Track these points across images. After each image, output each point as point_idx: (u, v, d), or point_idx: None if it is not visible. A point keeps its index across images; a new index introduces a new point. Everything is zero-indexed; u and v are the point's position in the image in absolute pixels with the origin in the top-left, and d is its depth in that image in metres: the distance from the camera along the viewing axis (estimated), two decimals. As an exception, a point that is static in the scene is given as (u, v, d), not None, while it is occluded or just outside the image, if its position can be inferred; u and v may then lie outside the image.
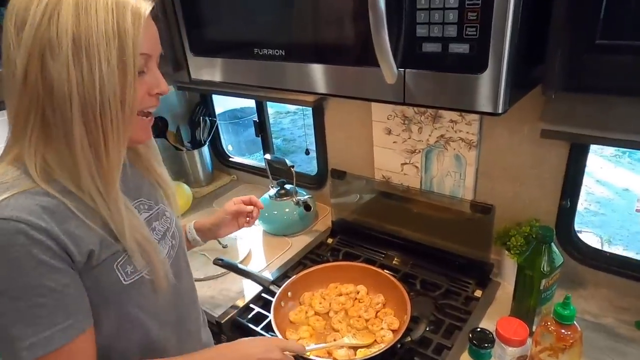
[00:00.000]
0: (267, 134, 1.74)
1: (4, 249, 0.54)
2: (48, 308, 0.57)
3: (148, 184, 0.80)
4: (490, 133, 1.12)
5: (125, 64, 0.58)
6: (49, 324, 0.57)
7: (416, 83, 0.73)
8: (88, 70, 0.56)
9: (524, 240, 1.07)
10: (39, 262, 0.56)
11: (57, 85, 0.56)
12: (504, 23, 0.61)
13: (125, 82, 0.59)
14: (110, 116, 0.58)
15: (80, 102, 0.57)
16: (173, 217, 0.83)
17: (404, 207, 1.33)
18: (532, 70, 0.74)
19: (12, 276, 0.55)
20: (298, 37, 0.84)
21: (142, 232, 0.67)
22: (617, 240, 3.42)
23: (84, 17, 0.56)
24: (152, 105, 0.68)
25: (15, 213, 0.55)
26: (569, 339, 0.76)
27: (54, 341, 0.58)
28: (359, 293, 1.13)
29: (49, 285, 0.57)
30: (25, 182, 0.59)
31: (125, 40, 0.58)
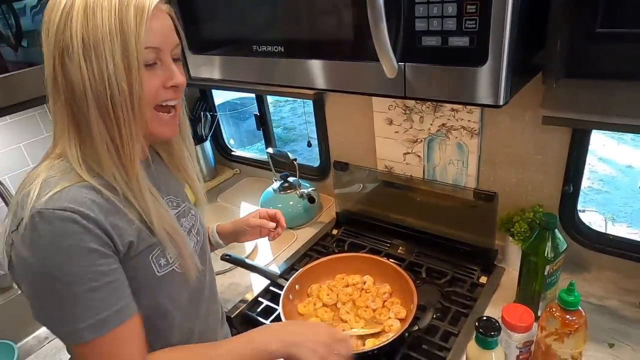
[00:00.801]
0: (268, 127, 1.74)
1: (58, 236, 0.58)
2: (102, 291, 0.61)
3: (175, 182, 0.83)
4: (492, 120, 1.12)
5: (129, 59, 0.60)
6: (105, 306, 0.61)
7: (416, 77, 0.73)
8: (98, 69, 0.59)
9: (527, 226, 1.08)
10: (90, 249, 0.60)
11: (75, 84, 0.60)
12: (504, 15, 0.61)
13: (131, 77, 0.60)
14: (122, 111, 0.61)
15: (94, 99, 0.60)
16: (197, 215, 0.86)
17: (408, 196, 1.34)
18: (532, 58, 0.74)
19: (67, 262, 0.58)
20: (297, 33, 0.84)
21: (171, 224, 0.70)
22: (621, 217, 3.43)
23: (91, 18, 0.59)
24: (169, 98, 0.68)
25: (68, 204, 0.59)
26: (574, 324, 0.77)
27: (111, 321, 0.61)
28: (365, 283, 1.15)
29: (101, 269, 0.61)
30: (72, 176, 0.63)
31: (127, 36, 0.60)
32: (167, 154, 0.82)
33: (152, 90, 0.65)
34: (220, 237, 1.05)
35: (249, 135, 4.53)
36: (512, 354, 0.85)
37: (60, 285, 0.59)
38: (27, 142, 1.43)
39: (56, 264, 0.58)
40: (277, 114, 5.64)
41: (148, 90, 0.64)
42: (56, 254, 0.58)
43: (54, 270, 0.58)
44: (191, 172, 0.85)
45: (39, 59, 0.64)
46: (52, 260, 0.58)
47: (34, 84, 1.05)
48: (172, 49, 0.68)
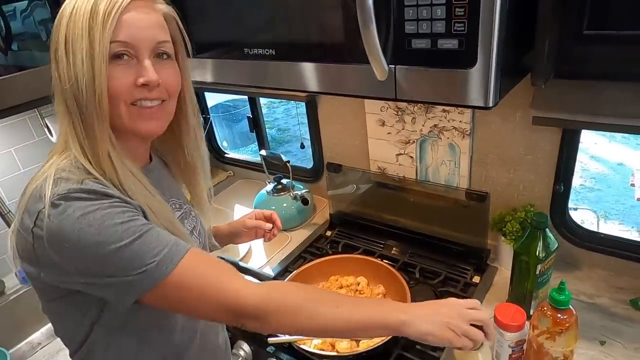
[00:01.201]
0: (261, 129, 1.74)
1: (89, 207, 0.58)
2: (152, 234, 0.60)
3: (176, 185, 0.84)
4: (483, 121, 1.13)
5: (93, 53, 0.60)
6: (163, 245, 0.60)
7: (407, 79, 0.73)
8: (73, 64, 0.61)
9: (519, 226, 1.08)
10: (123, 210, 0.60)
11: (61, 80, 0.62)
12: (492, 18, 0.62)
13: (93, 71, 0.60)
14: (86, 105, 0.61)
15: (71, 93, 0.61)
16: (198, 217, 0.86)
17: (401, 197, 1.34)
18: (522, 59, 0.74)
19: (107, 225, 0.58)
20: (287, 36, 0.84)
21: (167, 218, 0.69)
22: (613, 215, 3.46)
23: (73, 18, 0.61)
24: (141, 97, 0.65)
25: (85, 187, 0.60)
26: (565, 323, 0.78)
27: (175, 253, 0.60)
28: (359, 284, 1.15)
29: (141, 222, 0.61)
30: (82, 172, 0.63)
31: (94, 29, 0.60)
32: (173, 164, 0.83)
33: (121, 86, 0.63)
34: (216, 239, 1.05)
35: (242, 137, 4.53)
36: (504, 353, 0.86)
37: (109, 247, 0.57)
38: (18, 146, 1.42)
39: (94, 230, 0.57)
40: (271, 115, 5.64)
41: (116, 86, 0.62)
42: (91, 222, 0.57)
43: (96, 237, 0.57)
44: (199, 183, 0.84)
45: (29, 63, 0.65)
46: (90, 229, 0.57)
47: (24, 88, 1.05)
48: (153, 46, 0.65)
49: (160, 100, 0.67)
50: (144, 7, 0.64)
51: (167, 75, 0.67)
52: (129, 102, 0.65)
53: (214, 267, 0.64)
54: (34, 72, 1.06)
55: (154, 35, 0.65)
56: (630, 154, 4.13)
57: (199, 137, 0.81)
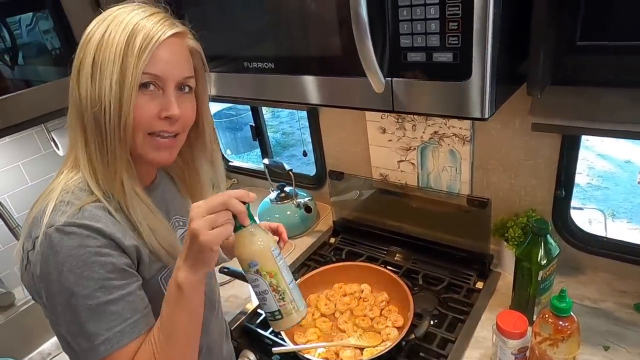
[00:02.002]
0: (264, 137, 1.75)
1: (75, 249, 0.60)
2: (117, 304, 0.62)
3: (182, 201, 0.86)
4: (483, 127, 1.14)
5: (124, 80, 0.62)
6: (120, 319, 0.62)
7: (404, 91, 0.74)
8: (98, 87, 0.63)
9: (521, 231, 1.09)
10: (105, 263, 0.61)
11: (82, 99, 0.64)
12: (485, 31, 0.62)
13: (122, 97, 0.62)
14: (107, 127, 0.63)
15: (92, 114, 0.63)
16: None
17: (403, 203, 1.35)
18: (517, 68, 0.75)
19: (82, 275, 0.60)
20: (285, 50, 0.85)
21: (167, 238, 0.71)
22: (621, 213, 3.43)
23: (106, 38, 0.63)
24: (162, 129, 0.67)
25: (85, 221, 0.61)
26: (566, 330, 0.79)
27: (126, 335, 0.62)
28: (363, 292, 1.16)
29: (116, 283, 0.62)
30: (86, 195, 0.65)
31: (128, 59, 0.62)
32: (180, 181, 0.86)
33: (145, 116, 0.65)
34: (223, 251, 1.06)
35: (245, 143, 4.55)
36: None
37: (76, 299, 0.60)
38: (25, 160, 1.45)
39: (72, 277, 0.60)
40: (275, 119, 5.66)
41: (141, 115, 0.65)
42: (72, 267, 0.60)
43: (70, 284, 0.60)
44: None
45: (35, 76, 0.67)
46: (69, 274, 0.59)
47: (30, 105, 1.07)
48: (179, 80, 0.68)
49: (175, 133, 0.70)
50: (177, 44, 0.68)
51: (186, 109, 0.70)
52: (148, 132, 0.67)
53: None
54: (40, 88, 1.08)
55: (182, 71, 0.69)
56: (638, 151, 4.09)
57: (217, 162, 0.85)
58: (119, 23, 0.64)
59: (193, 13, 0.93)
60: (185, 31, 0.70)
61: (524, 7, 0.66)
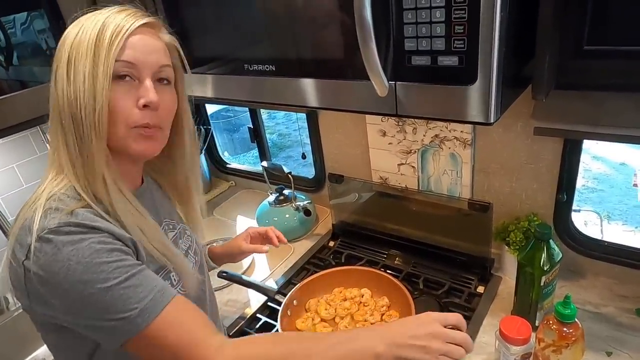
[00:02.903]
0: (263, 139, 1.74)
1: (77, 243, 0.58)
2: (138, 278, 0.61)
3: (170, 204, 0.85)
4: (484, 131, 1.13)
5: (97, 71, 0.61)
6: (147, 290, 0.60)
7: (407, 95, 0.73)
8: (73, 83, 0.61)
9: (522, 236, 1.08)
10: (111, 249, 0.60)
11: (59, 98, 0.62)
12: (492, 35, 0.62)
13: (96, 89, 0.61)
14: (83, 123, 0.61)
15: (69, 112, 0.62)
16: (193, 235, 0.87)
17: (403, 206, 1.34)
18: (522, 71, 0.74)
19: (92, 264, 0.58)
20: (287, 53, 0.84)
21: (159, 239, 0.69)
22: (616, 215, 3.45)
23: (78, 36, 0.62)
24: (141, 120, 0.65)
25: (76, 220, 0.60)
26: (571, 337, 0.78)
27: (159, 302, 0.61)
28: (363, 297, 1.15)
29: (128, 262, 0.61)
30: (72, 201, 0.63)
31: (100, 49, 0.61)
32: (167, 185, 0.85)
33: (122, 106, 0.63)
34: (212, 260, 1.06)
35: (242, 143, 4.53)
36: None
37: (94, 287, 0.57)
38: (20, 162, 1.43)
39: (82, 269, 0.57)
40: (272, 120, 5.65)
41: (117, 106, 0.63)
42: (80, 259, 0.57)
43: (83, 276, 0.57)
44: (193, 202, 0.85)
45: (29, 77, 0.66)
46: (78, 266, 0.57)
47: (25, 107, 1.05)
48: (155, 69, 0.66)
49: (158, 126, 0.68)
50: (149, 33, 0.67)
51: (165, 100, 0.68)
52: (130, 125, 0.65)
53: (192, 322, 0.63)
54: (35, 90, 1.06)
55: (157, 58, 0.67)
56: (633, 153, 4.11)
57: (195, 160, 0.83)
58: (92, 21, 0.63)
59: (193, 15, 0.92)
60: (157, 23, 0.69)
61: (530, 10, 0.66)
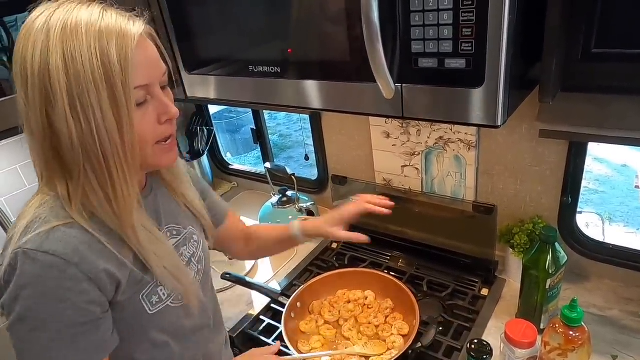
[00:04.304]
0: (265, 141, 1.73)
1: (38, 278, 0.56)
2: (63, 342, 0.59)
3: (177, 208, 0.80)
4: (489, 133, 1.13)
5: (118, 105, 0.56)
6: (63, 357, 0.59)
7: (414, 98, 0.73)
8: (85, 120, 0.55)
9: (527, 238, 1.08)
10: (64, 298, 0.57)
11: (61, 134, 0.56)
12: (500, 37, 0.61)
13: (122, 122, 0.57)
14: (114, 160, 0.58)
15: (82, 149, 0.57)
16: (201, 240, 0.83)
17: (407, 208, 1.34)
18: (529, 73, 0.74)
19: (37, 308, 0.57)
20: (293, 54, 0.84)
21: (172, 261, 0.68)
22: (618, 217, 3.44)
23: (71, 66, 0.54)
24: (166, 134, 0.64)
25: (53, 247, 0.57)
26: (577, 341, 0.78)
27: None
28: (367, 299, 1.14)
29: (72, 319, 0.59)
30: (61, 214, 0.60)
31: (113, 81, 0.55)
32: (163, 180, 0.79)
33: (147, 130, 0.61)
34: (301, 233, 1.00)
35: (245, 145, 4.52)
36: None
37: (26, 328, 0.57)
38: (23, 163, 1.42)
39: (35, 306, 0.57)
40: (273, 120, 5.64)
41: (143, 131, 0.60)
42: (30, 296, 0.56)
43: (33, 312, 0.57)
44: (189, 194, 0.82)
45: None
46: (30, 302, 0.57)
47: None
48: (161, 77, 0.64)
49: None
50: (143, 40, 0.61)
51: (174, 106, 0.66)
52: (156, 141, 0.64)
53: None
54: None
55: (160, 66, 0.64)
56: (634, 155, 4.11)
57: None
58: (76, 36, 0.54)
59: (198, 16, 0.92)
60: (143, 24, 0.62)
61: (537, 13, 0.65)
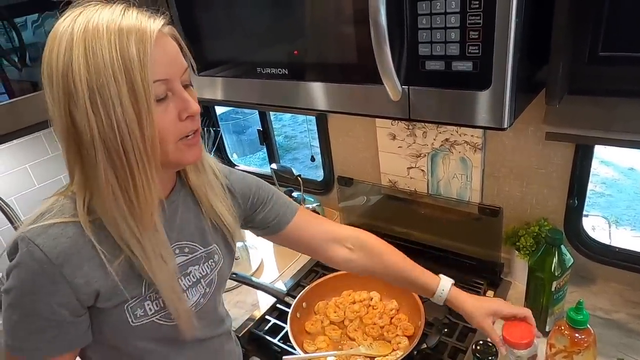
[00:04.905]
0: (272, 142, 1.74)
1: (24, 265, 0.60)
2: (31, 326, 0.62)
3: (199, 224, 0.75)
4: (495, 135, 1.13)
5: (137, 99, 0.56)
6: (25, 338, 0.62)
7: (421, 100, 0.74)
8: (105, 115, 0.56)
9: (533, 241, 1.08)
10: (37, 291, 0.60)
11: (82, 131, 0.57)
12: (507, 40, 0.62)
13: (142, 118, 0.56)
14: (135, 156, 0.57)
15: (103, 146, 0.57)
16: (221, 261, 0.79)
17: (412, 210, 1.34)
18: (536, 75, 0.74)
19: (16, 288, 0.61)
20: (301, 56, 0.84)
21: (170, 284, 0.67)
22: (624, 220, 3.42)
23: (92, 62, 0.55)
24: (188, 130, 0.63)
25: (44, 242, 0.59)
26: (583, 343, 0.78)
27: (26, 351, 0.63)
28: (372, 300, 1.15)
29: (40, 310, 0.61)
30: (68, 211, 0.62)
31: (132, 74, 0.55)
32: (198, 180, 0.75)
33: (168, 126, 0.60)
34: (450, 302, 0.88)
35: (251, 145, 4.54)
36: None
37: (6, 301, 0.62)
38: (32, 162, 1.44)
39: (12, 284, 0.61)
40: (278, 122, 5.66)
41: (164, 127, 0.60)
42: (15, 277, 0.60)
43: (9, 287, 0.61)
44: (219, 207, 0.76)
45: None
46: (12, 280, 0.61)
47: (38, 108, 1.05)
48: (182, 74, 0.62)
49: (198, 128, 0.66)
50: (163, 37, 0.61)
51: (196, 103, 0.65)
52: (177, 139, 0.62)
53: None
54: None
55: (181, 62, 0.63)
56: (641, 158, 4.08)
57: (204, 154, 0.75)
58: (97, 35, 0.55)
59: (207, 18, 0.93)
60: (165, 20, 0.62)
61: (544, 16, 0.66)
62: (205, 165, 0.76)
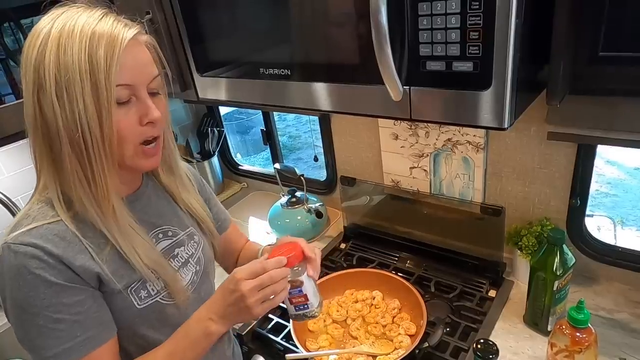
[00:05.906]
0: (275, 142, 1.75)
1: (21, 268, 0.60)
2: (66, 322, 0.63)
3: (176, 210, 0.82)
4: (497, 135, 1.13)
5: (99, 99, 0.60)
6: (69, 337, 0.63)
7: (422, 100, 0.74)
8: (69, 107, 0.59)
9: (535, 240, 1.08)
10: (52, 283, 0.61)
11: (49, 121, 0.61)
12: (507, 41, 0.62)
13: (102, 117, 0.60)
14: (93, 149, 0.61)
15: (66, 136, 0.60)
16: (202, 241, 0.85)
17: (415, 209, 1.34)
18: (537, 75, 0.75)
19: (29, 295, 0.61)
20: (303, 57, 0.85)
21: (151, 257, 0.70)
22: (630, 221, 3.40)
23: (62, 56, 0.59)
24: (148, 135, 0.66)
25: (34, 240, 0.61)
26: (584, 342, 0.78)
27: (75, 352, 0.63)
28: (374, 299, 1.15)
29: (64, 301, 0.62)
30: (47, 214, 0.64)
31: (97, 76, 0.59)
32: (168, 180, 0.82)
33: (128, 128, 0.64)
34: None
35: (254, 145, 4.56)
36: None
37: (27, 315, 0.61)
38: (39, 162, 1.46)
39: (21, 295, 0.61)
40: (282, 122, 5.67)
41: (123, 129, 0.63)
42: (20, 286, 0.61)
43: (19, 302, 0.61)
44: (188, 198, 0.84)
45: None
46: (17, 292, 0.61)
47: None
48: (149, 82, 0.66)
49: (159, 135, 0.70)
50: (136, 44, 0.65)
51: (161, 110, 0.68)
52: (137, 142, 0.66)
53: None
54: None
55: (150, 71, 0.67)
56: (647, 158, 4.05)
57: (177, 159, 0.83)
58: (71, 35, 0.59)
59: (210, 18, 0.94)
60: (139, 30, 0.66)
61: (545, 16, 0.66)
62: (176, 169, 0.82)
